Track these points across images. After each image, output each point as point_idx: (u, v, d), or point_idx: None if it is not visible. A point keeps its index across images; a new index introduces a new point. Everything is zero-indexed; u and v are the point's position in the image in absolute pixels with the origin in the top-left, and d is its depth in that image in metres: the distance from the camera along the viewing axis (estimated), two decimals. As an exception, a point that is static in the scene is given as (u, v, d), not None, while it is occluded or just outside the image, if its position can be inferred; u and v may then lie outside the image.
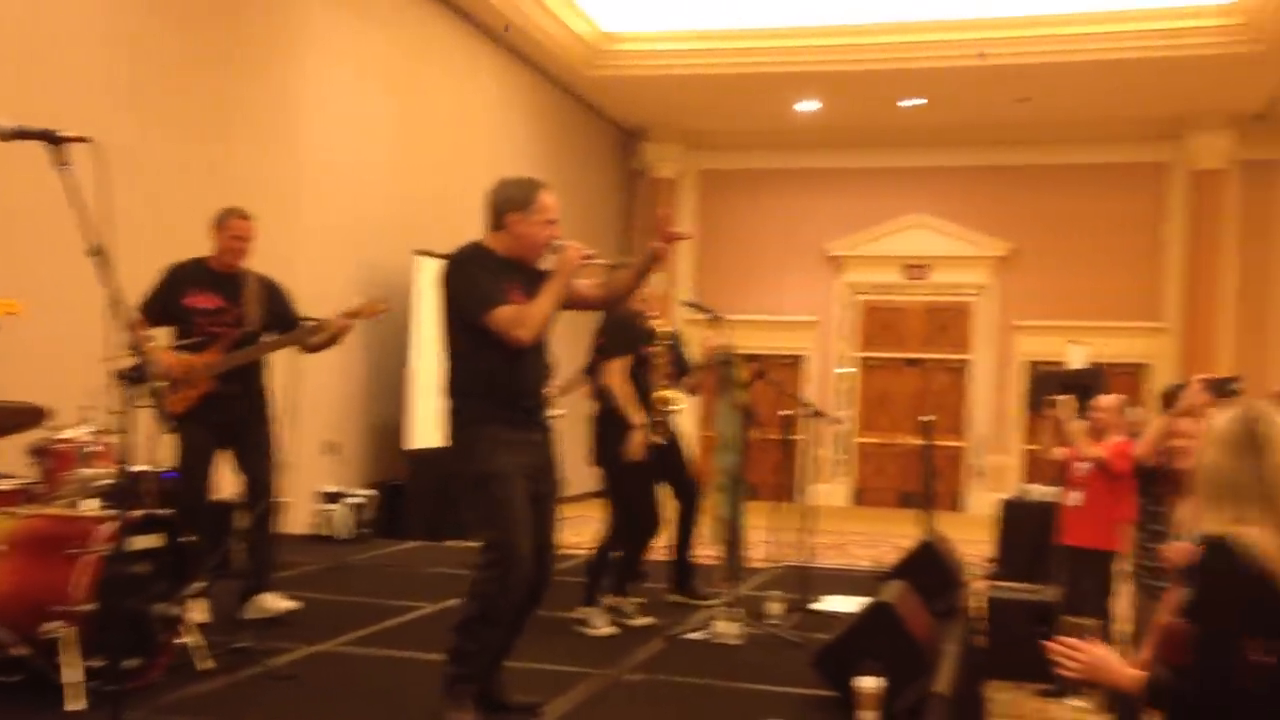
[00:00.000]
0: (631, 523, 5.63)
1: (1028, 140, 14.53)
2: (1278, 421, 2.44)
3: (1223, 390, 4.48)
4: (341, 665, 4.79)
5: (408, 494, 9.30)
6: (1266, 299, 14.14)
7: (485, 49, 11.84)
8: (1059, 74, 12.07)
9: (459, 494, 4.06)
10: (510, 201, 3.95)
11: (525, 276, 3.93)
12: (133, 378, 3.67)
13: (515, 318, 3.80)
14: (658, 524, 5.75)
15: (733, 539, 5.55)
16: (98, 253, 2.90)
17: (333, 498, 8.79)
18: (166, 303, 5.31)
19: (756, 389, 5.99)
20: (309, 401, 6.01)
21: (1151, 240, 14.53)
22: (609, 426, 5.59)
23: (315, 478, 8.81)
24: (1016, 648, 6.90)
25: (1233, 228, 14.13)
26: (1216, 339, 14.03)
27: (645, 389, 5.68)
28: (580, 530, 8.03)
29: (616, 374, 5.56)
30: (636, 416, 5.51)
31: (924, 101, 13.43)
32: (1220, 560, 2.35)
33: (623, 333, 5.65)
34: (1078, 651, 2.43)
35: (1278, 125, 13.51)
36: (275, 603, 5.41)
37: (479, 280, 3.85)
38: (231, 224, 5.40)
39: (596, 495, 5.83)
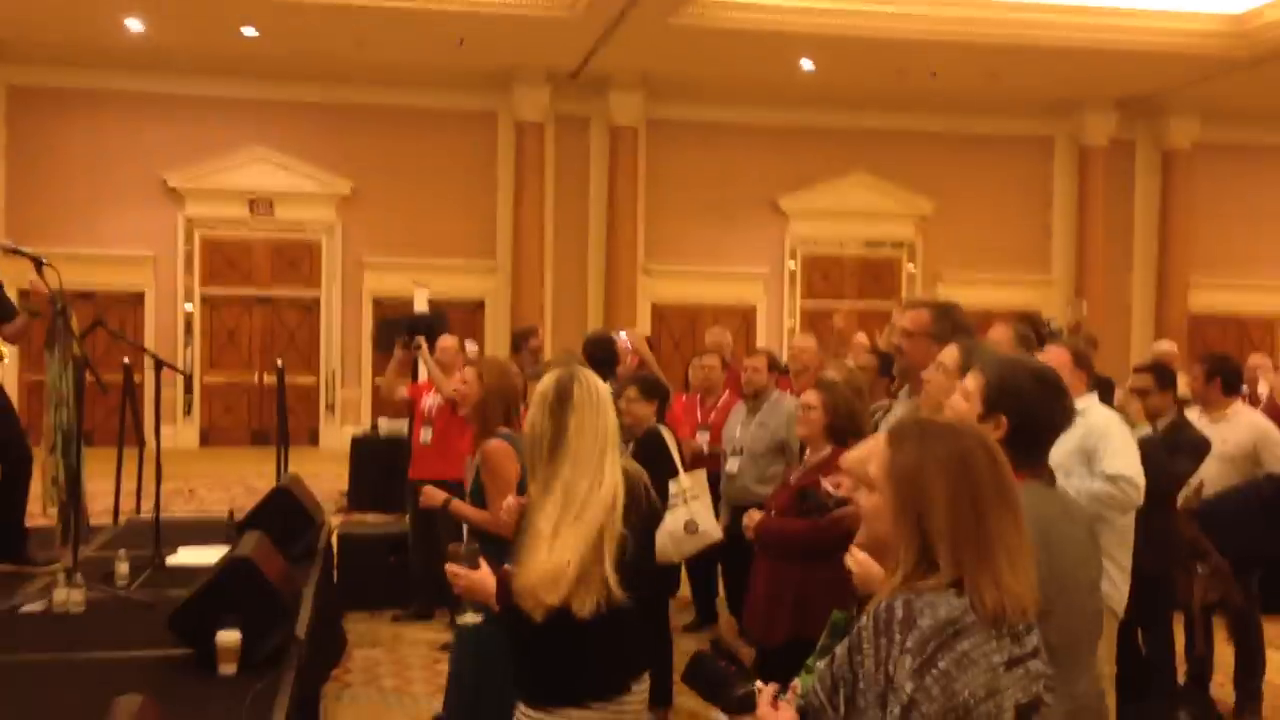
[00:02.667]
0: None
1: (368, 80, 14.75)
2: (589, 382, 2.86)
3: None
4: None
5: None
6: (583, 238, 15.77)
7: None
8: (393, 19, 12.32)
9: None
10: None
11: None
12: None
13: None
14: None
15: (71, 500, 5.16)
16: None
17: None
18: None
19: (93, 337, 5.57)
20: None
21: (487, 184, 15.53)
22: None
23: None
24: (370, 578, 7.26)
25: (552, 175, 15.53)
26: (542, 277, 15.40)
27: None
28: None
29: None
30: None
31: (256, 33, 12.92)
32: None
33: None
34: (459, 575, 2.77)
35: (586, 85, 15.02)
36: None
37: None
38: None
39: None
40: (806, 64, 13.96)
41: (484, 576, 2.79)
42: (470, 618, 2.99)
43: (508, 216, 15.44)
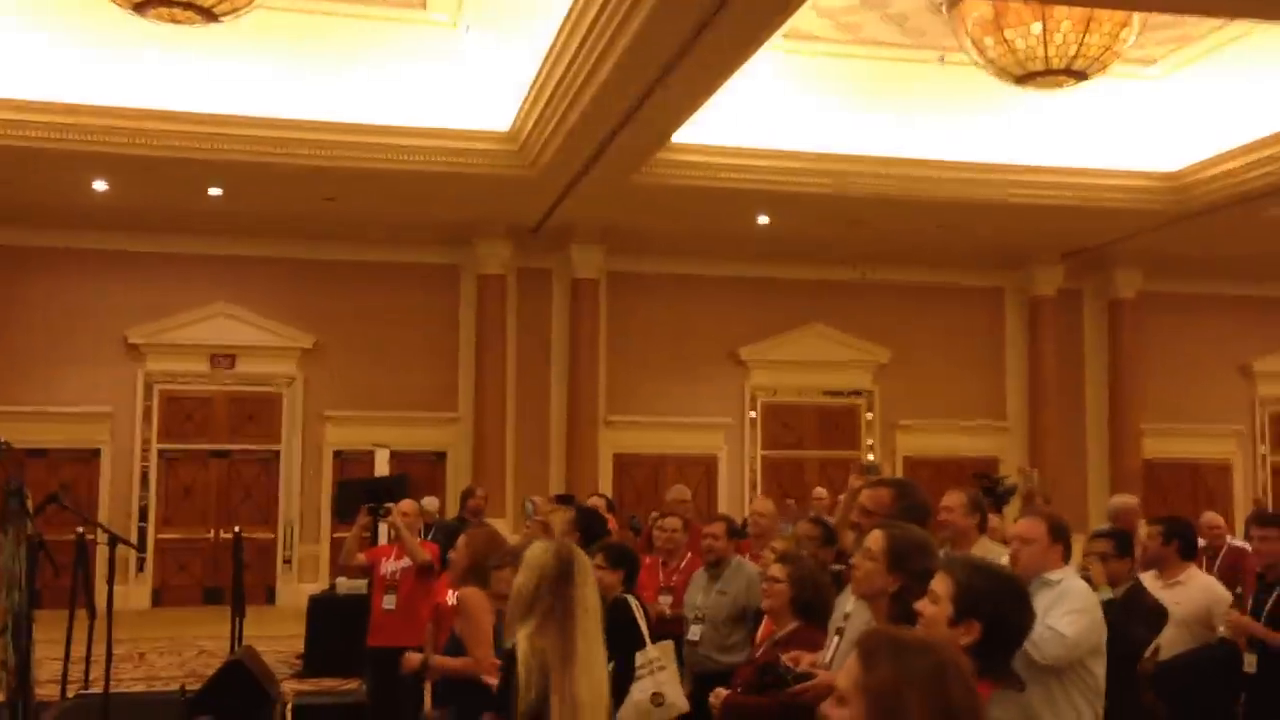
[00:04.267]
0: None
1: (331, 235, 14.92)
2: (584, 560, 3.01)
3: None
4: None
5: None
6: (544, 389, 15.82)
7: None
8: (359, 178, 12.58)
9: None
10: None
11: None
12: None
13: None
14: None
15: (20, 684, 5.03)
16: None
17: None
18: None
19: (48, 513, 5.51)
20: None
21: (448, 336, 15.63)
22: None
23: None
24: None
25: (512, 325, 15.67)
26: (504, 425, 15.41)
27: None
28: None
29: None
30: None
31: (219, 193, 13.16)
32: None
33: None
34: None
35: (548, 238, 15.30)
36: None
37: None
38: None
39: None
40: (763, 219, 14.32)
41: None
42: None
43: (469, 368, 15.51)
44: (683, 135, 11.69)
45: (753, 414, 16.59)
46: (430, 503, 10.81)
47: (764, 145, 12.46)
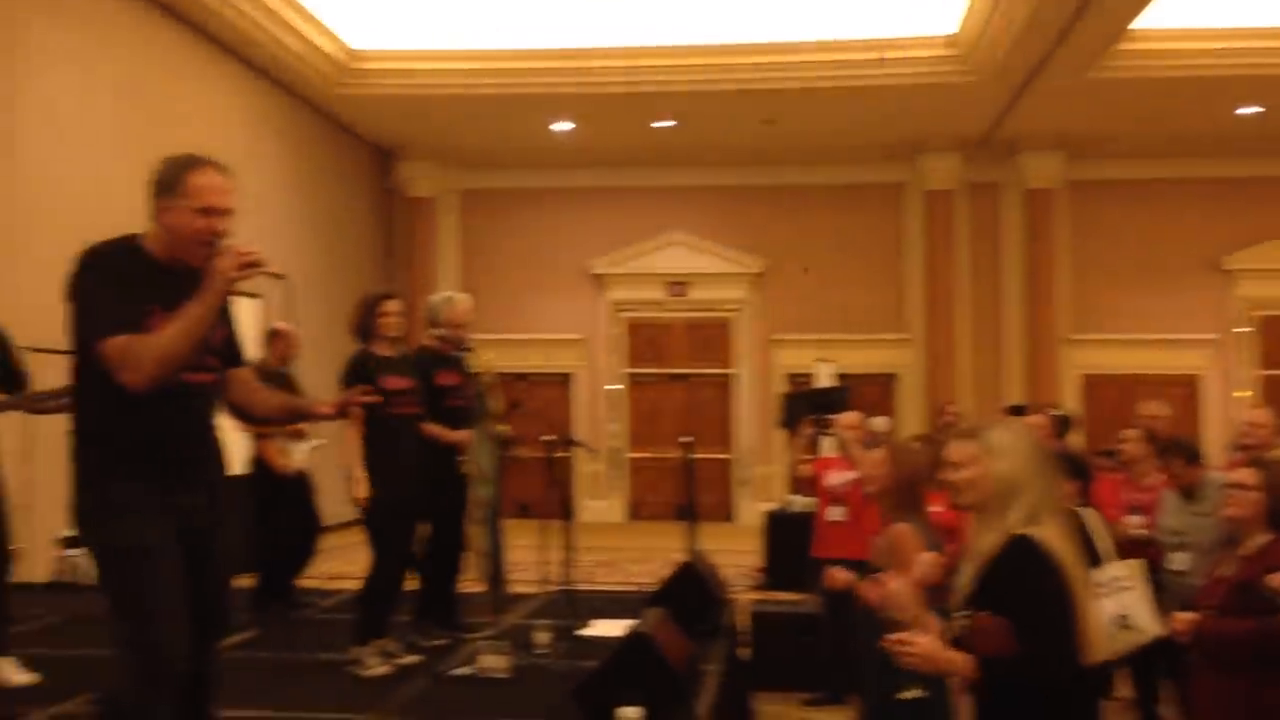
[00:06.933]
0: (387, 555, 5.46)
1: (776, 161, 15.09)
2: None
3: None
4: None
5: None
6: (999, 307, 15.15)
7: (227, 66, 11.41)
8: (802, 99, 12.57)
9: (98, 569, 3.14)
10: (158, 185, 3.06)
11: (185, 285, 2.97)
12: None
13: (125, 354, 2.88)
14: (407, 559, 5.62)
15: (494, 571, 5.49)
16: None
17: (76, 542, 8.22)
18: None
19: (518, 415, 5.96)
20: (49, 438, 5.60)
21: (894, 256, 15.35)
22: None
23: (56, 522, 8.23)
24: (782, 658, 7.14)
25: (962, 244, 15.09)
26: (955, 347, 14.93)
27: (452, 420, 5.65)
28: (348, 560, 7.80)
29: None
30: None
31: (674, 123, 13.71)
32: (1024, 555, 2.64)
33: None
34: (911, 643, 2.63)
35: (998, 150, 14.51)
36: (10, 674, 5.02)
37: (98, 294, 2.94)
38: None
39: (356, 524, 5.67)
40: (1246, 109, 12.72)
41: (939, 645, 2.64)
42: (913, 692, 2.82)
43: (917, 288, 15.16)
44: (1145, 21, 10.57)
45: (1242, 329, 14.91)
46: (883, 423, 10.66)
47: (1242, 24, 11.01)
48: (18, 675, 5.04)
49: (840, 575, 4.46)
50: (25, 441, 4.96)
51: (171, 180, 3.02)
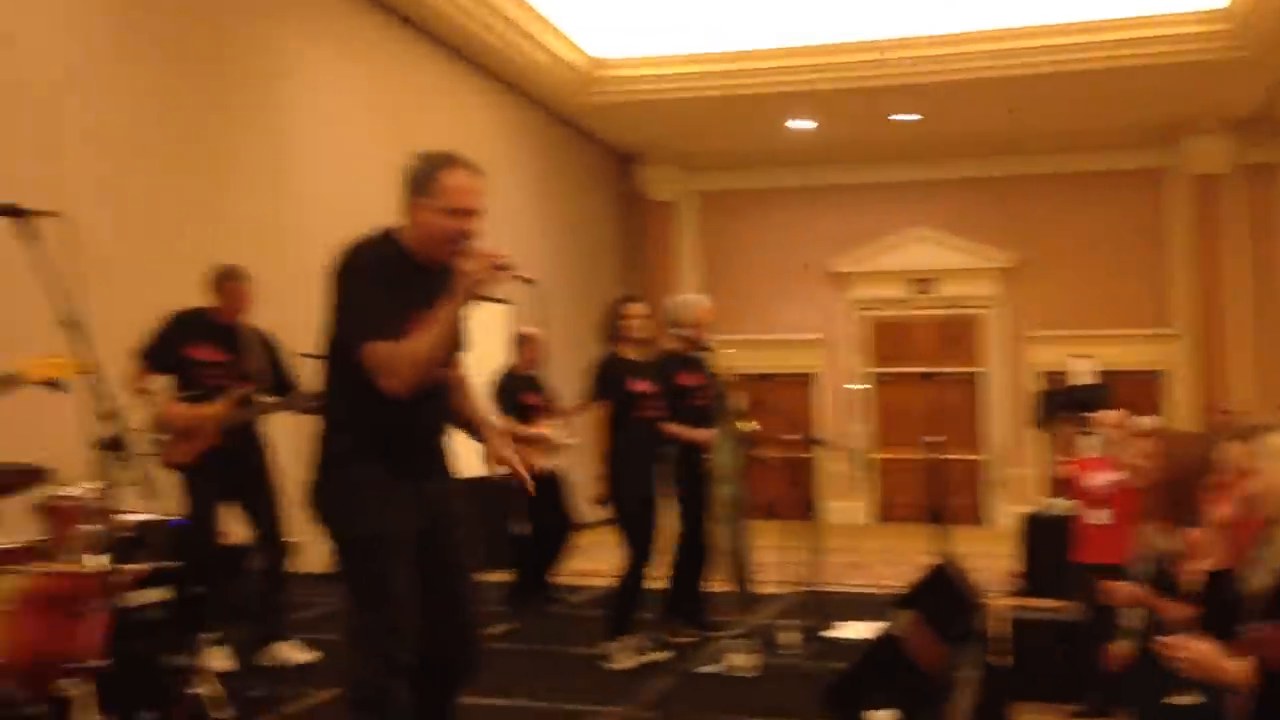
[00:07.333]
0: (636, 553, 5.55)
1: (1023, 150, 14.46)
2: None
3: None
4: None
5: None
6: (1277, 302, 14.02)
7: (475, 80, 11.87)
8: (1049, 84, 12.02)
9: (337, 557, 3.17)
10: (411, 182, 3.10)
11: (437, 284, 3.00)
12: (111, 445, 3.60)
13: (387, 361, 2.93)
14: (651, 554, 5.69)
15: (739, 569, 5.50)
16: (69, 324, 2.87)
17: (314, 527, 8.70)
18: (167, 351, 5.35)
19: (760, 415, 5.95)
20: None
21: (1155, 246, 14.47)
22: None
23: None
24: (1043, 667, 6.81)
25: (1236, 231, 14.06)
26: (1229, 342, 13.92)
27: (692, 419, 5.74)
28: (599, 559, 7.97)
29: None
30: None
31: (918, 117, 13.40)
32: None
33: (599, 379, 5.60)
34: (1185, 648, 2.49)
35: (1274, 127, 13.46)
36: (291, 653, 5.39)
37: (366, 294, 3.00)
38: (228, 287, 5.49)
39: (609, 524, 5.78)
40: None
41: (1215, 651, 2.47)
42: (1187, 698, 2.66)
43: (1184, 280, 14.22)
44: None
45: None
46: (1150, 423, 10.06)
47: None
48: (299, 655, 5.41)
49: (1123, 590, 4.22)
50: (300, 440, 5.30)
51: (424, 178, 3.06)
